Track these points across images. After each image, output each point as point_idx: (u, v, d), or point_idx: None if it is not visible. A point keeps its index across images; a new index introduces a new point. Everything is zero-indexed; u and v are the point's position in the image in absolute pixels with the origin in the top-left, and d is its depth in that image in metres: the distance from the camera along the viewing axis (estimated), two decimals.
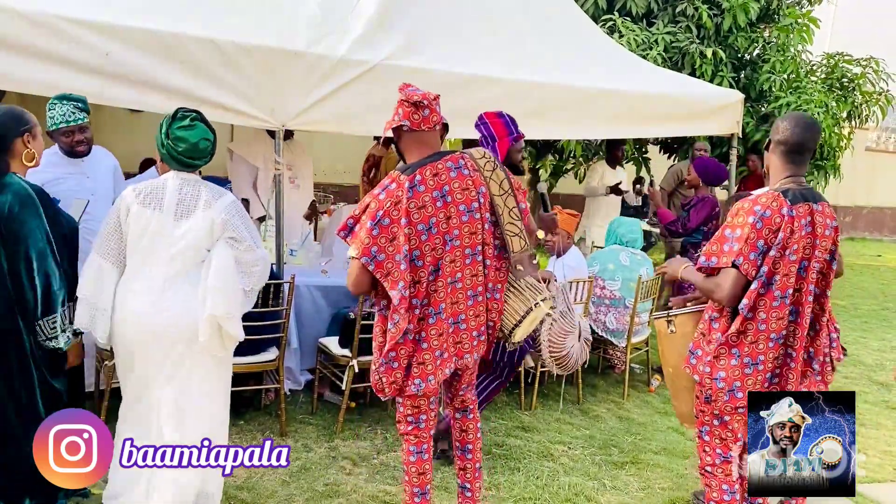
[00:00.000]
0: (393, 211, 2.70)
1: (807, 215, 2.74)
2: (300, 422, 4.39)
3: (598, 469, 4.08)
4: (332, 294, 4.80)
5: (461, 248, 2.81)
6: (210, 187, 2.95)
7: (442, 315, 2.81)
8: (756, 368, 2.81)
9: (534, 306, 2.93)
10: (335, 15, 4.33)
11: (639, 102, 5.16)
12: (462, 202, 2.80)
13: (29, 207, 2.73)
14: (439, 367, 2.84)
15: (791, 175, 2.81)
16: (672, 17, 7.00)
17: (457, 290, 2.83)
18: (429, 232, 2.74)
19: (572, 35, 5.47)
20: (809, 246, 2.75)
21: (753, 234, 2.69)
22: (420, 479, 2.96)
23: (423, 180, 2.74)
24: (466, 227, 2.81)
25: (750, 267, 2.70)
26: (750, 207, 2.73)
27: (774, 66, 6.88)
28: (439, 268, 2.79)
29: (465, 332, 2.89)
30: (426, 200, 2.73)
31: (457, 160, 2.83)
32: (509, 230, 2.87)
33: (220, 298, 2.83)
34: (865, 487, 4.09)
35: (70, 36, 3.57)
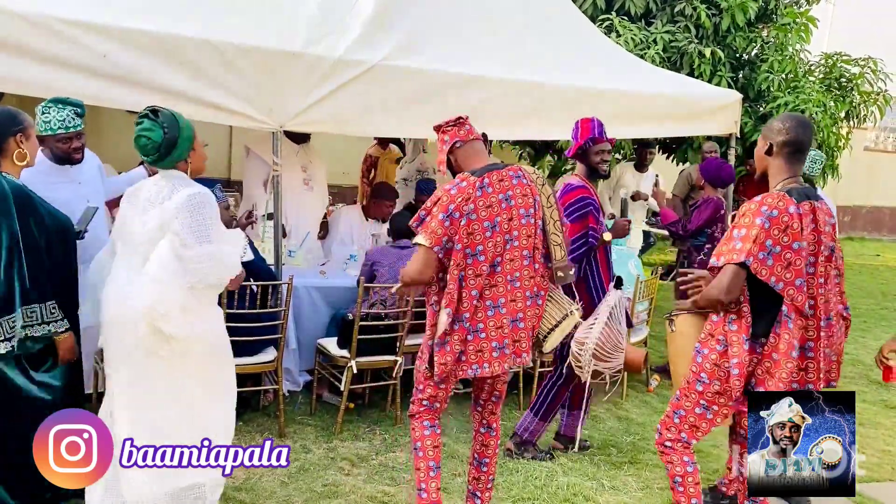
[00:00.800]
0: (463, 206, 2.94)
1: (810, 213, 2.77)
2: (299, 423, 4.39)
3: (596, 469, 4.08)
4: (330, 295, 4.80)
5: (520, 248, 3.03)
6: (177, 184, 2.90)
7: (501, 310, 3.01)
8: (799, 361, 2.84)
9: (569, 313, 3.14)
10: (333, 15, 4.33)
11: (637, 102, 5.17)
12: (522, 206, 3.04)
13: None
14: (497, 358, 3.02)
15: (792, 175, 2.84)
16: (670, 17, 7.00)
17: (516, 289, 3.03)
18: (493, 230, 2.97)
19: (570, 35, 5.47)
20: (815, 242, 2.78)
21: (762, 234, 2.70)
22: (434, 452, 3.12)
23: (490, 183, 3.00)
24: (525, 230, 3.04)
25: (759, 266, 2.70)
26: (756, 208, 2.75)
27: (773, 66, 6.88)
28: (497, 265, 2.99)
29: (523, 331, 3.07)
30: (493, 201, 2.98)
31: (517, 170, 3.10)
32: (553, 240, 3.11)
33: (148, 290, 2.77)
34: (864, 486, 4.09)
35: (68, 37, 3.56)
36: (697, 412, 2.98)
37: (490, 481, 3.31)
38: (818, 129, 6.68)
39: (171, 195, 2.86)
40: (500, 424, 3.31)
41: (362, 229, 5.63)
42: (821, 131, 6.70)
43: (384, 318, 4.38)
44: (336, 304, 4.80)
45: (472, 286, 2.95)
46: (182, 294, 2.80)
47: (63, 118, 3.50)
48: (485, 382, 3.23)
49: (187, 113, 3.91)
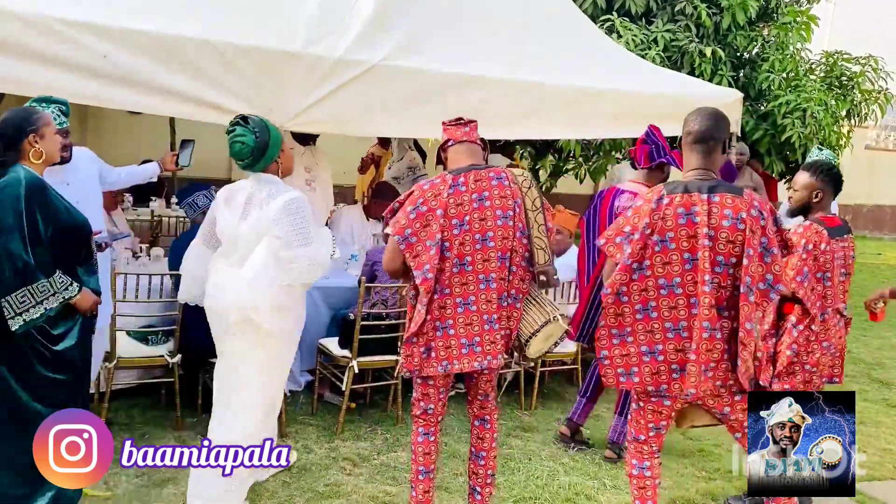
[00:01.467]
0: (431, 200, 2.97)
1: (682, 206, 2.71)
2: (300, 423, 4.40)
3: (597, 468, 4.08)
4: (332, 295, 4.80)
5: (494, 249, 3.03)
6: (273, 189, 3.20)
7: (472, 307, 3.02)
8: (654, 357, 2.79)
9: (552, 319, 3.11)
10: (333, 15, 4.32)
11: (638, 102, 5.16)
12: (499, 207, 3.03)
13: (5, 189, 2.80)
14: (467, 356, 3.03)
15: (697, 167, 2.83)
16: (671, 16, 6.99)
17: (491, 290, 3.03)
18: (461, 228, 2.98)
19: (571, 35, 5.47)
20: (693, 237, 2.69)
21: (622, 219, 2.84)
22: (425, 458, 3.17)
23: (465, 182, 3.02)
24: (500, 231, 3.03)
25: (615, 249, 2.80)
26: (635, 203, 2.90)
27: (773, 65, 6.87)
28: (468, 263, 3.00)
29: (497, 332, 3.07)
30: (465, 199, 3.00)
31: (499, 172, 3.10)
32: (537, 243, 3.10)
33: (245, 288, 3.11)
34: (866, 485, 4.09)
35: (67, 38, 3.55)
36: (633, 407, 3.01)
37: (489, 476, 3.28)
38: (819, 128, 6.68)
39: (269, 200, 3.15)
40: (495, 418, 3.30)
41: (363, 229, 5.63)
42: (822, 130, 6.70)
43: (385, 318, 4.38)
44: (337, 304, 4.80)
45: (441, 282, 2.98)
46: (278, 292, 3.14)
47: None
48: (469, 381, 3.25)
49: (187, 113, 3.94)
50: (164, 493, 3.45)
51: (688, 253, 2.72)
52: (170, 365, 4.09)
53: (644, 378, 2.82)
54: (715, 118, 2.88)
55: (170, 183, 7.24)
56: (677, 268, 2.74)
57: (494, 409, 3.30)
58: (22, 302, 2.77)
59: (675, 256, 2.73)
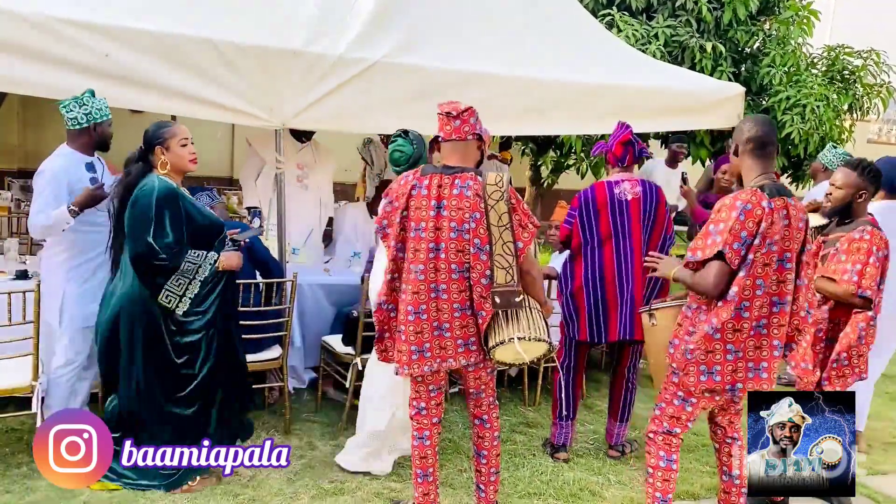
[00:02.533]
0: (400, 197, 3.02)
1: (783, 209, 2.83)
2: (304, 420, 4.40)
3: (602, 464, 4.09)
4: (334, 292, 4.80)
5: (447, 261, 2.95)
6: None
7: (423, 316, 2.98)
8: (737, 356, 2.87)
9: (507, 340, 2.93)
10: (333, 13, 4.33)
11: (639, 97, 5.15)
12: (455, 220, 2.94)
13: (148, 196, 3.27)
14: (416, 361, 3.01)
15: (763, 172, 2.92)
16: (671, 11, 6.97)
17: (441, 300, 2.98)
18: (416, 232, 2.97)
19: (571, 30, 5.46)
20: (787, 238, 2.83)
21: (737, 225, 2.78)
22: (422, 462, 3.18)
23: (428, 185, 2.97)
24: (454, 244, 2.95)
25: (734, 256, 2.79)
26: (732, 203, 2.84)
27: (775, 60, 6.84)
28: (421, 272, 2.95)
29: (449, 339, 3.01)
30: (423, 204, 2.97)
31: (465, 179, 2.95)
32: (498, 262, 2.92)
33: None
34: (870, 479, 4.09)
35: (69, 37, 3.57)
36: (676, 403, 3.02)
37: (492, 474, 3.27)
38: (821, 123, 6.66)
39: None
40: (494, 416, 3.25)
41: (367, 226, 5.62)
42: (824, 124, 6.68)
43: None
44: (340, 301, 4.80)
45: (399, 284, 3.05)
46: None
47: (104, 106, 3.67)
48: (460, 378, 3.25)
49: (189, 112, 3.95)
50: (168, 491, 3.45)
51: (776, 255, 2.82)
52: None
53: (725, 377, 2.87)
54: (770, 125, 2.97)
55: None
56: (771, 268, 2.82)
57: (492, 408, 3.25)
58: (178, 284, 3.30)
59: (774, 258, 2.81)
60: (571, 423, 4.15)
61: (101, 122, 3.67)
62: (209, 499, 3.41)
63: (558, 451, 4.13)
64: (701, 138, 7.05)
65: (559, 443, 4.14)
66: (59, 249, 3.72)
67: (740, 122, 3.04)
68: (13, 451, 3.73)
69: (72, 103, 3.59)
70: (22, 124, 8.94)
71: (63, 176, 3.61)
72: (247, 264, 4.17)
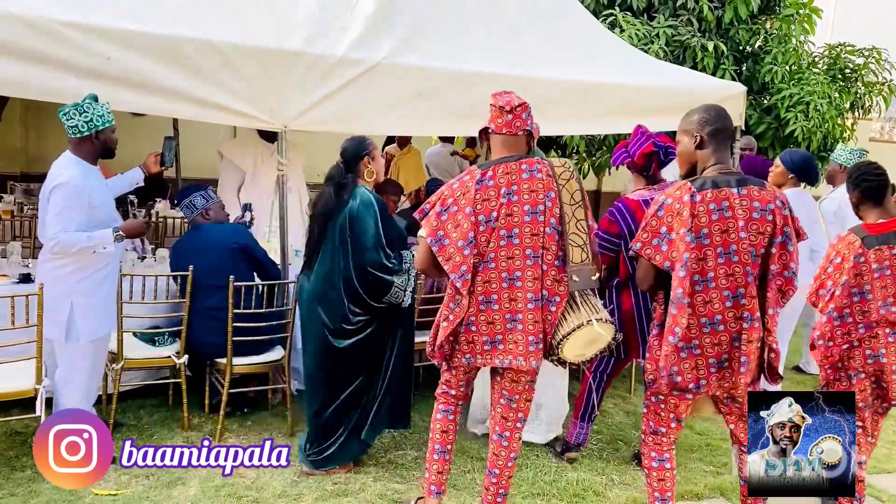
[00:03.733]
0: (461, 199, 2.90)
1: (718, 201, 2.74)
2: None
3: (605, 464, 4.08)
4: None
5: (521, 247, 2.90)
6: None
7: (494, 305, 2.92)
8: (691, 352, 2.81)
9: (585, 322, 2.89)
10: (334, 15, 4.33)
11: (641, 96, 5.15)
12: (528, 203, 2.90)
13: (368, 208, 3.55)
14: (489, 352, 2.96)
15: (715, 163, 2.85)
16: (673, 11, 6.97)
17: (515, 288, 2.91)
18: (487, 224, 2.89)
19: (572, 30, 5.46)
20: (732, 230, 2.73)
21: (655, 221, 2.79)
22: (443, 437, 3.18)
23: (493, 175, 2.91)
24: (528, 228, 2.90)
25: (653, 252, 2.79)
26: (657, 198, 2.85)
27: (776, 58, 6.85)
28: (491, 260, 2.90)
29: (520, 334, 2.91)
30: (491, 195, 2.89)
31: (532, 164, 2.95)
32: (573, 240, 2.92)
33: None
34: (873, 478, 4.08)
35: (71, 40, 3.57)
36: (653, 400, 2.99)
37: (500, 495, 3.14)
38: (823, 121, 6.65)
39: None
40: (517, 437, 3.11)
41: None
42: (825, 123, 6.67)
43: None
44: None
45: (466, 279, 2.91)
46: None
47: (105, 112, 3.54)
48: (493, 379, 3.14)
49: (190, 114, 3.95)
50: (173, 494, 3.45)
51: (720, 248, 2.75)
52: (177, 366, 4.10)
53: (685, 374, 2.82)
54: (722, 111, 2.89)
55: (174, 184, 7.27)
56: (711, 263, 2.75)
57: (518, 427, 3.11)
58: (403, 282, 3.62)
59: (710, 252, 2.75)
60: (589, 424, 4.10)
61: (103, 129, 3.52)
62: (213, 500, 3.41)
63: (570, 451, 4.07)
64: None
65: (575, 442, 4.08)
66: (65, 261, 3.54)
67: (693, 112, 2.92)
68: (17, 455, 3.73)
69: (71, 110, 3.45)
70: (25, 128, 8.95)
71: (85, 189, 3.48)
72: (243, 263, 4.18)
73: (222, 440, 4.03)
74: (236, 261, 4.15)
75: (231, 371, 4.03)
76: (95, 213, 3.55)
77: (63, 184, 3.44)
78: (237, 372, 4.08)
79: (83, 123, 3.47)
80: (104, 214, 3.61)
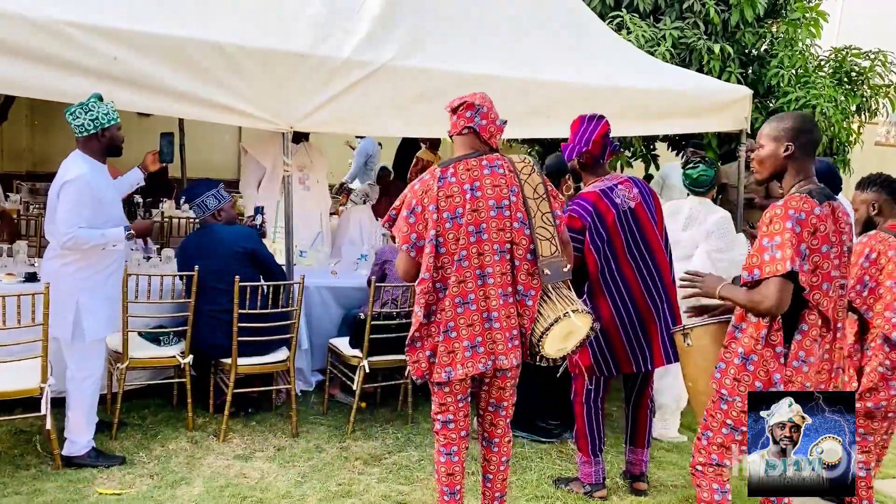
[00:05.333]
0: (424, 198, 2.86)
1: (830, 214, 2.66)
2: (312, 422, 4.40)
3: (610, 467, 4.07)
4: (341, 295, 4.81)
5: (489, 242, 2.86)
6: (705, 208, 4.37)
7: (471, 306, 2.84)
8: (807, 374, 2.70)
9: (562, 315, 2.85)
10: (340, 16, 4.34)
11: (646, 98, 5.15)
12: (492, 197, 2.87)
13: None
14: (470, 358, 2.84)
15: (807, 177, 2.72)
16: (679, 13, 6.96)
17: (488, 286, 2.86)
18: (453, 220, 2.84)
19: (575, 32, 5.46)
20: (836, 244, 2.67)
21: (795, 238, 2.54)
22: (449, 479, 2.96)
23: (455, 172, 2.88)
24: (494, 223, 2.86)
25: (804, 274, 2.57)
26: (784, 212, 2.59)
27: (783, 62, 6.82)
28: (464, 259, 2.83)
29: (498, 332, 2.87)
30: (454, 191, 2.86)
31: (493, 160, 2.94)
32: (540, 234, 2.90)
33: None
34: (879, 483, 4.06)
35: (77, 41, 3.58)
36: (724, 432, 2.76)
37: (496, 498, 3.09)
38: (829, 125, 6.63)
39: (706, 218, 4.30)
40: (506, 441, 3.07)
41: (373, 229, 5.64)
42: (832, 126, 6.65)
43: (396, 318, 4.38)
44: (347, 303, 4.81)
45: (440, 280, 2.84)
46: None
47: (110, 110, 3.56)
48: (480, 388, 3.02)
49: (195, 114, 3.96)
50: (177, 494, 3.46)
51: (826, 261, 2.64)
52: (181, 365, 4.11)
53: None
54: (812, 121, 2.77)
55: (179, 184, 7.29)
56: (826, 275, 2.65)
57: (507, 432, 3.06)
58: None
59: (827, 264, 2.63)
60: (601, 455, 3.75)
61: (109, 127, 3.55)
62: (217, 500, 3.42)
63: (597, 490, 3.72)
64: (708, 140, 7.03)
65: (597, 481, 3.72)
66: (70, 259, 3.55)
67: (782, 118, 2.75)
68: (21, 453, 3.74)
69: (77, 110, 3.50)
70: (31, 128, 8.99)
71: (94, 185, 3.52)
72: (249, 268, 4.18)
73: (226, 440, 4.04)
74: (243, 264, 4.15)
75: (236, 371, 4.03)
76: (104, 209, 3.58)
77: (73, 180, 3.48)
78: (242, 372, 4.08)
79: (89, 122, 3.51)
80: (111, 212, 3.64)
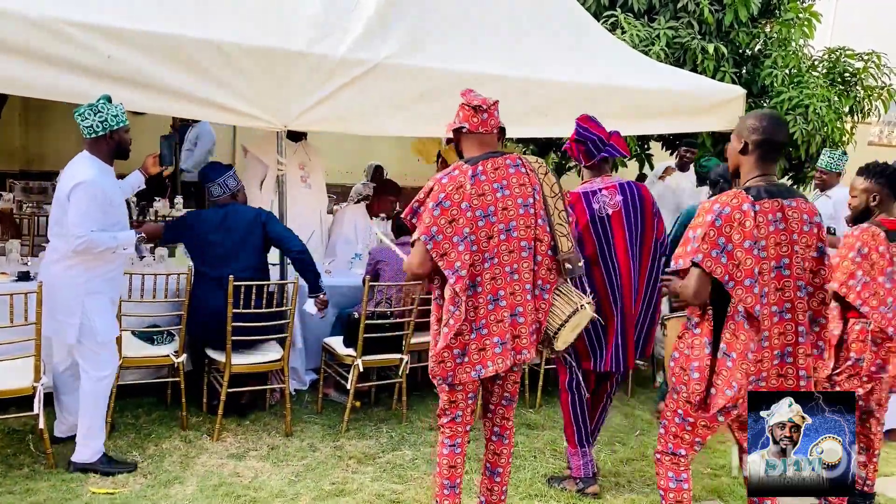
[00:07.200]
0: (454, 194, 2.82)
1: (775, 211, 2.66)
2: (305, 421, 4.40)
3: (604, 465, 4.08)
4: (336, 294, 4.80)
5: (518, 239, 2.90)
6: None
7: (501, 303, 2.87)
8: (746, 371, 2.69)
9: (579, 307, 2.94)
10: (336, 15, 4.33)
11: (641, 98, 5.16)
12: (520, 195, 2.91)
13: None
14: (500, 355, 2.86)
15: (762, 174, 2.75)
16: (673, 13, 6.98)
17: (514, 282, 2.89)
18: (486, 219, 2.85)
19: (574, 32, 5.47)
20: (786, 243, 2.67)
21: (713, 231, 2.61)
22: (450, 472, 2.99)
23: (484, 171, 2.88)
24: (522, 220, 2.90)
25: (713, 264, 2.59)
26: (710, 206, 2.66)
27: (776, 62, 6.85)
28: (495, 256, 2.86)
29: (522, 326, 2.90)
30: (486, 189, 2.86)
31: (515, 159, 2.96)
32: (559, 230, 2.97)
33: None
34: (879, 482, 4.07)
35: (73, 39, 3.57)
36: (677, 422, 2.82)
37: (503, 492, 3.14)
38: (822, 125, 6.66)
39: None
40: (512, 431, 3.14)
41: (367, 228, 5.63)
42: (825, 126, 6.68)
43: (390, 317, 4.38)
44: (341, 302, 4.80)
45: (470, 279, 2.82)
46: None
47: (120, 112, 3.52)
48: (494, 384, 3.07)
49: (191, 113, 3.97)
50: (170, 493, 3.45)
51: (773, 261, 2.66)
52: (175, 364, 4.10)
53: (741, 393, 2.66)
54: (777, 122, 2.78)
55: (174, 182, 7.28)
56: (766, 277, 2.65)
57: (512, 423, 3.14)
58: None
59: (766, 265, 2.65)
60: (591, 447, 3.77)
61: (118, 129, 3.49)
62: (210, 499, 3.41)
63: (588, 485, 3.72)
64: (702, 140, 7.06)
65: (587, 474, 3.73)
66: (74, 262, 3.50)
67: (749, 115, 2.81)
68: (15, 452, 3.73)
69: (86, 111, 3.45)
70: (24, 126, 8.95)
71: (105, 187, 3.48)
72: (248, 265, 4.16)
73: (220, 439, 4.03)
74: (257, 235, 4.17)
75: (230, 370, 4.02)
76: (113, 212, 3.55)
77: (85, 182, 3.42)
78: (236, 371, 4.08)
79: (98, 123, 3.46)
80: (119, 215, 3.61)
